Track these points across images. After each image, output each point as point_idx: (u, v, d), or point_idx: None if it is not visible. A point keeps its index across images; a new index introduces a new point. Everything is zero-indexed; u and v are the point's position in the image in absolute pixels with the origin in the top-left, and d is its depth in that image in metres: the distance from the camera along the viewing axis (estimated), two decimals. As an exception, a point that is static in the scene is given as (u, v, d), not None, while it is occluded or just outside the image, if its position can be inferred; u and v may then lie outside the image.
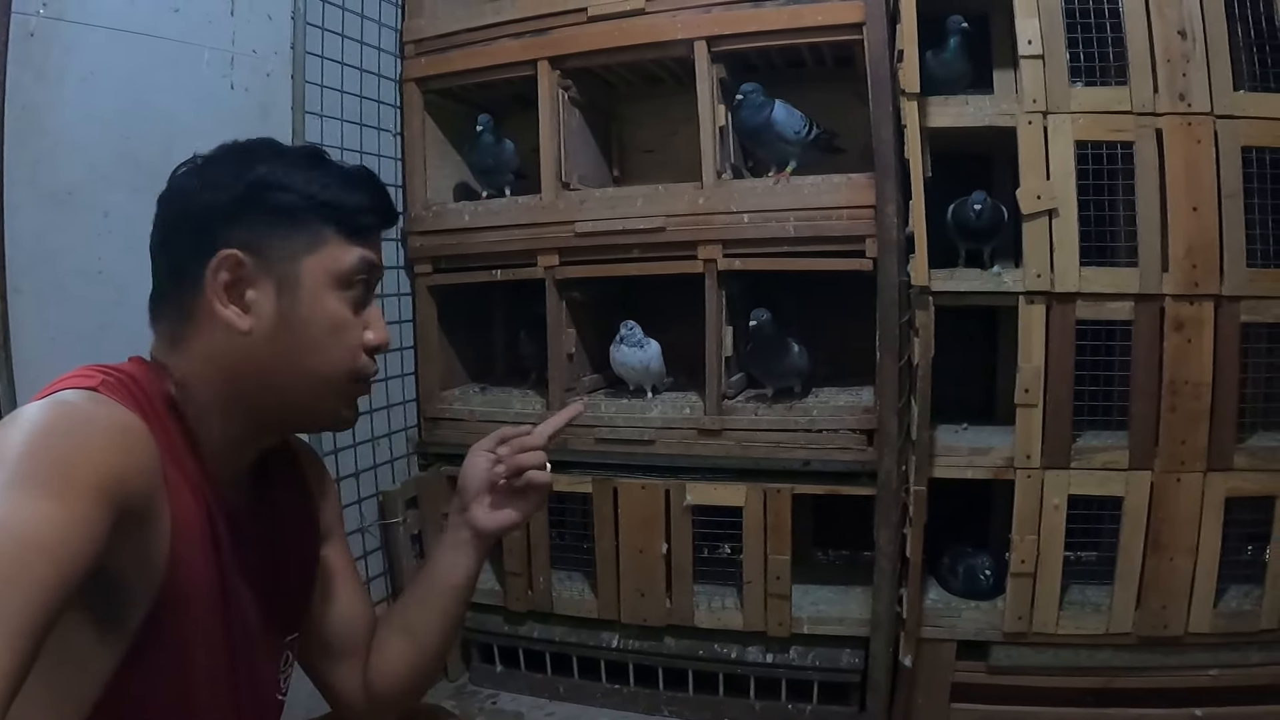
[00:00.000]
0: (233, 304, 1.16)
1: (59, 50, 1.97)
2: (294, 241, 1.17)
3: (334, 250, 1.19)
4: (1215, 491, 2.46)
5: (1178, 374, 2.44)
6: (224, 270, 1.15)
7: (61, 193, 1.99)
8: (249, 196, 1.17)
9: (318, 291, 1.18)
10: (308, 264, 1.18)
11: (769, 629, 2.80)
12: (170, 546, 1.05)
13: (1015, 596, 2.56)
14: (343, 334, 1.21)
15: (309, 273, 1.18)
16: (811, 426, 2.76)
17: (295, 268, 1.17)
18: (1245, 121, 2.41)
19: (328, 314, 1.19)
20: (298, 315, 1.17)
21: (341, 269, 1.19)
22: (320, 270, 1.18)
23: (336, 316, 1.20)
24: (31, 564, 0.82)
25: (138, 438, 1.02)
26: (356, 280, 1.22)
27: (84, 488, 0.90)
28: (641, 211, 2.87)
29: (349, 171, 1.26)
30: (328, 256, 1.19)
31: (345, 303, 1.21)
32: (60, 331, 1.98)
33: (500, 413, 3.09)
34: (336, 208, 1.19)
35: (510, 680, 3.15)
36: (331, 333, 1.20)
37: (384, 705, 1.46)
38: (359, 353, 1.23)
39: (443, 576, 1.46)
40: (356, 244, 1.21)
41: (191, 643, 1.11)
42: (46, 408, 0.98)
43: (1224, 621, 2.50)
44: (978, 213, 2.59)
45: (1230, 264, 2.42)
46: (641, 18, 2.84)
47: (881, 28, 2.61)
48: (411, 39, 3.14)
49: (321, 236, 1.19)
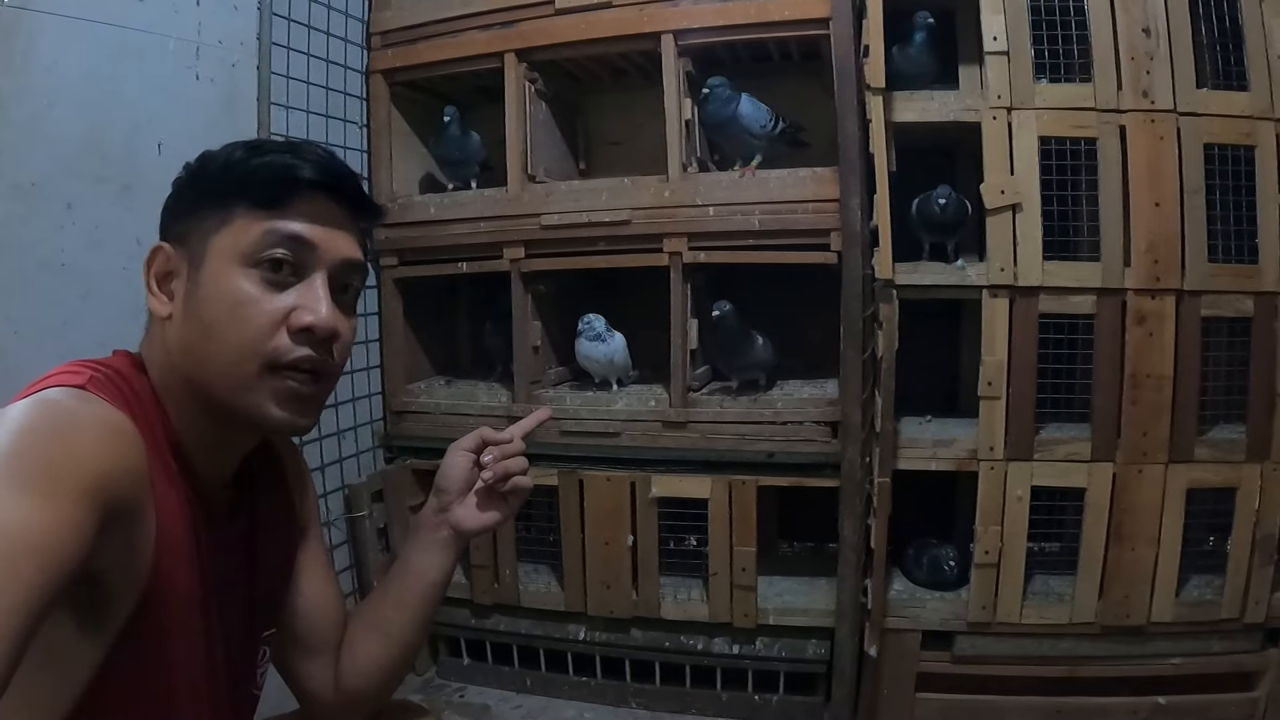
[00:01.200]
0: (162, 294, 1.16)
1: (23, 40, 1.95)
2: (207, 221, 1.14)
3: (241, 224, 1.13)
4: (1177, 483, 2.49)
5: (1139, 367, 2.47)
6: (155, 262, 1.16)
7: (25, 184, 1.96)
8: (182, 186, 1.19)
9: (220, 268, 1.12)
10: (213, 242, 1.13)
11: (735, 620, 2.81)
12: (154, 547, 1.05)
13: (979, 587, 2.59)
14: (243, 312, 1.12)
15: (214, 249, 1.13)
16: (776, 419, 2.77)
17: (203, 247, 1.14)
18: (1208, 119, 2.44)
19: (226, 291, 1.12)
20: (199, 295, 1.13)
21: (246, 243, 1.13)
22: (224, 247, 1.13)
23: (237, 294, 1.12)
24: (18, 566, 0.82)
25: (126, 438, 1.01)
26: (268, 256, 1.13)
27: (71, 489, 0.89)
28: (607, 204, 2.86)
29: (280, 145, 1.20)
30: (233, 231, 1.13)
31: (256, 281, 1.13)
32: (24, 325, 1.95)
33: (466, 405, 3.09)
34: (249, 180, 1.14)
35: (478, 673, 3.14)
36: (231, 311, 1.12)
37: (354, 702, 1.45)
38: (270, 335, 1.13)
39: (419, 575, 1.45)
40: (269, 216, 1.14)
41: (172, 642, 1.11)
42: (33, 406, 0.97)
43: (1186, 611, 2.54)
44: (942, 207, 2.61)
45: (1192, 259, 2.44)
46: (608, 11, 2.83)
47: (848, 22, 2.61)
48: (378, 30, 3.12)
49: (230, 211, 1.14)
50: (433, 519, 1.47)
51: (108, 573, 0.99)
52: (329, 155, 1.21)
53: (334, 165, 1.21)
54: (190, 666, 1.15)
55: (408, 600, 1.45)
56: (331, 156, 1.22)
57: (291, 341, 1.13)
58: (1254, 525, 2.48)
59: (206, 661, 1.18)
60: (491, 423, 2.90)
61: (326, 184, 1.18)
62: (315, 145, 1.23)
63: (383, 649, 1.45)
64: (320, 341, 1.16)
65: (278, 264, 1.14)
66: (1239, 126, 2.44)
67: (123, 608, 1.03)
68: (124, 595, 1.02)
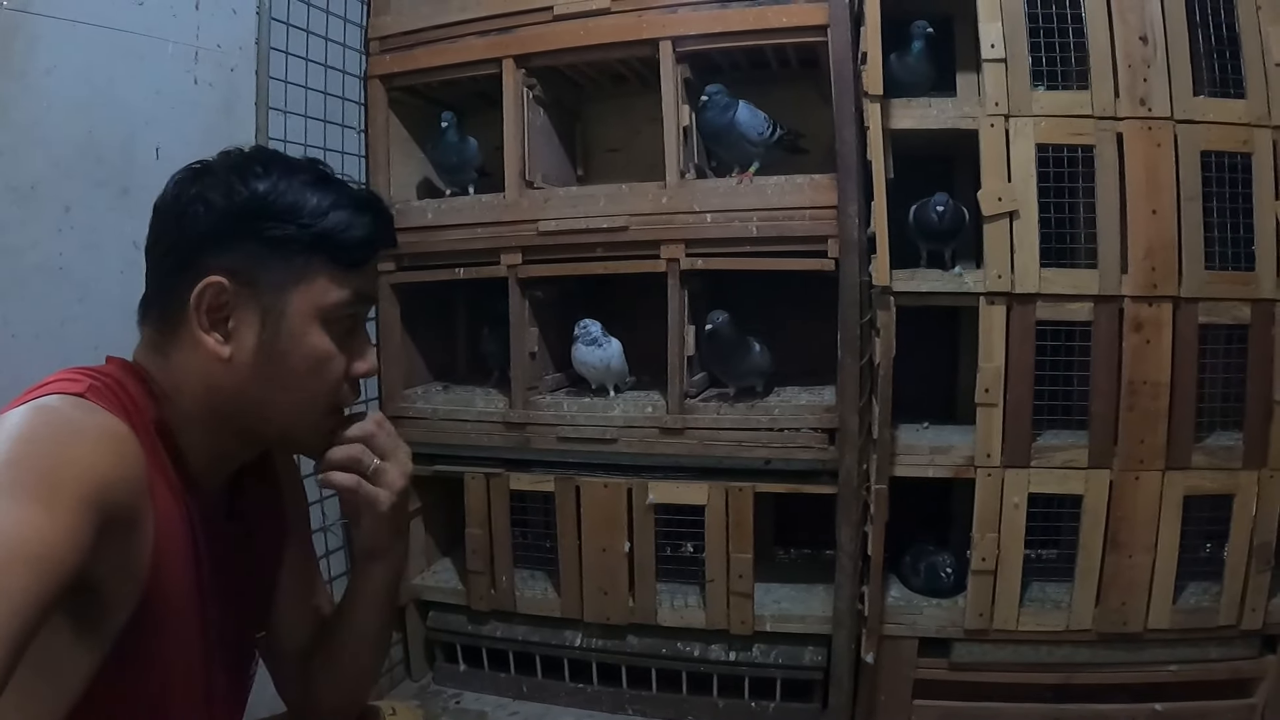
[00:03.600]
0: (215, 330, 1.14)
1: (23, 43, 1.95)
2: (283, 272, 1.14)
3: (323, 284, 1.16)
4: (1174, 490, 2.49)
5: (1136, 374, 2.47)
6: (208, 297, 1.13)
7: (24, 187, 1.96)
8: (240, 218, 1.14)
9: (302, 325, 1.16)
10: (294, 297, 1.15)
11: (732, 627, 2.81)
12: (152, 555, 1.05)
13: (976, 594, 2.58)
14: (324, 369, 1.18)
15: (294, 306, 1.15)
16: (773, 425, 2.76)
17: (281, 300, 1.14)
18: (1205, 126, 2.45)
19: (310, 349, 1.17)
20: (278, 349, 1.15)
21: (329, 304, 1.17)
22: (307, 304, 1.16)
23: (319, 352, 1.17)
24: (16, 573, 0.82)
25: (125, 446, 1.01)
26: (346, 314, 1.20)
27: (70, 497, 0.90)
28: (605, 210, 2.86)
29: (351, 197, 1.21)
30: (317, 290, 1.16)
31: (330, 336, 1.18)
32: (21, 328, 1.95)
33: (463, 411, 3.08)
34: (331, 240, 1.16)
35: (474, 680, 3.14)
36: (313, 368, 1.17)
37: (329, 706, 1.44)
38: (339, 385, 1.21)
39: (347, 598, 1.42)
40: (348, 278, 1.18)
41: (168, 648, 1.11)
42: (32, 413, 0.97)
43: (1183, 618, 2.54)
44: (940, 214, 2.61)
45: (1189, 266, 2.45)
46: (607, 17, 2.83)
47: (846, 30, 2.62)
48: (377, 35, 3.12)
49: (311, 268, 1.15)
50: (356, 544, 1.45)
51: (105, 580, 0.98)
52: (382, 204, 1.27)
53: (390, 220, 1.28)
54: (184, 669, 1.15)
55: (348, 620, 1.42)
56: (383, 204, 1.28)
57: (349, 389, 1.24)
58: (1251, 532, 2.48)
59: (201, 665, 1.18)
60: (487, 429, 2.94)
61: (389, 243, 1.27)
62: (378, 198, 1.28)
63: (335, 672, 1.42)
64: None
65: (351, 321, 1.23)
66: (1236, 134, 2.45)
67: (120, 614, 1.02)
68: (121, 602, 1.02)
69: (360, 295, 1.21)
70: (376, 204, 1.25)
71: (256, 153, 1.22)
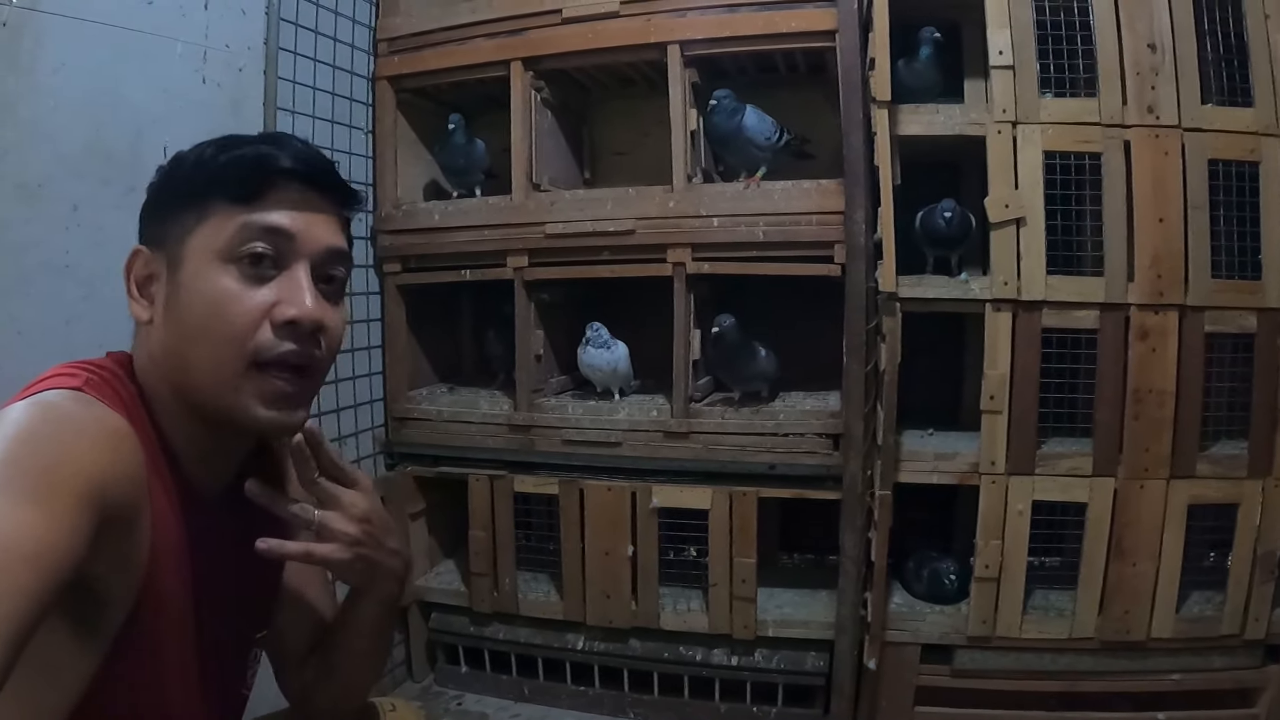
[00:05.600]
0: (143, 298, 1.15)
1: (31, 41, 1.96)
2: (183, 221, 1.12)
3: (217, 221, 1.10)
4: (1178, 498, 2.49)
5: (1142, 382, 2.47)
6: (134, 266, 1.15)
7: (31, 185, 1.97)
8: (159, 191, 1.17)
9: (200, 268, 1.10)
10: (190, 242, 1.11)
11: (734, 632, 2.81)
12: (150, 552, 1.05)
13: (979, 601, 2.58)
14: (224, 309, 1.09)
15: (191, 250, 1.10)
16: (778, 430, 2.77)
17: (180, 248, 1.11)
18: (1212, 134, 2.44)
19: (205, 288, 1.09)
20: (179, 298, 1.10)
21: (224, 238, 1.10)
22: (201, 245, 1.10)
23: (217, 292, 1.09)
24: (14, 572, 0.82)
25: (123, 442, 1.01)
26: (246, 251, 1.10)
27: (68, 494, 0.89)
28: (611, 214, 2.87)
29: (255, 137, 1.18)
30: (210, 229, 1.10)
31: (235, 277, 1.10)
32: (27, 325, 1.96)
33: (467, 413, 3.08)
34: (222, 176, 1.11)
35: (475, 681, 3.14)
36: (211, 309, 1.09)
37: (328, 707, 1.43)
38: (252, 331, 1.10)
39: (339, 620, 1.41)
40: (245, 210, 1.11)
41: (166, 646, 1.11)
42: (30, 409, 0.97)
43: (1186, 627, 2.53)
44: (947, 220, 2.61)
45: (1195, 275, 2.44)
46: (615, 20, 2.84)
47: (854, 35, 2.62)
48: (385, 37, 3.12)
49: (207, 208, 1.11)
50: None
51: (103, 578, 0.99)
52: (303, 143, 1.19)
53: (308, 152, 1.18)
54: (183, 668, 1.15)
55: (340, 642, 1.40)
56: (305, 144, 1.19)
57: (275, 336, 1.11)
58: (1255, 541, 2.48)
59: (199, 663, 1.18)
60: (491, 431, 2.94)
61: (302, 172, 1.15)
62: (288, 135, 1.21)
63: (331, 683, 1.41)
64: (306, 335, 1.13)
65: (257, 258, 1.11)
66: (1243, 142, 2.44)
67: (117, 613, 1.03)
68: (119, 601, 1.02)
69: (260, 227, 1.11)
70: (278, 135, 1.20)
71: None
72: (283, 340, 1.11)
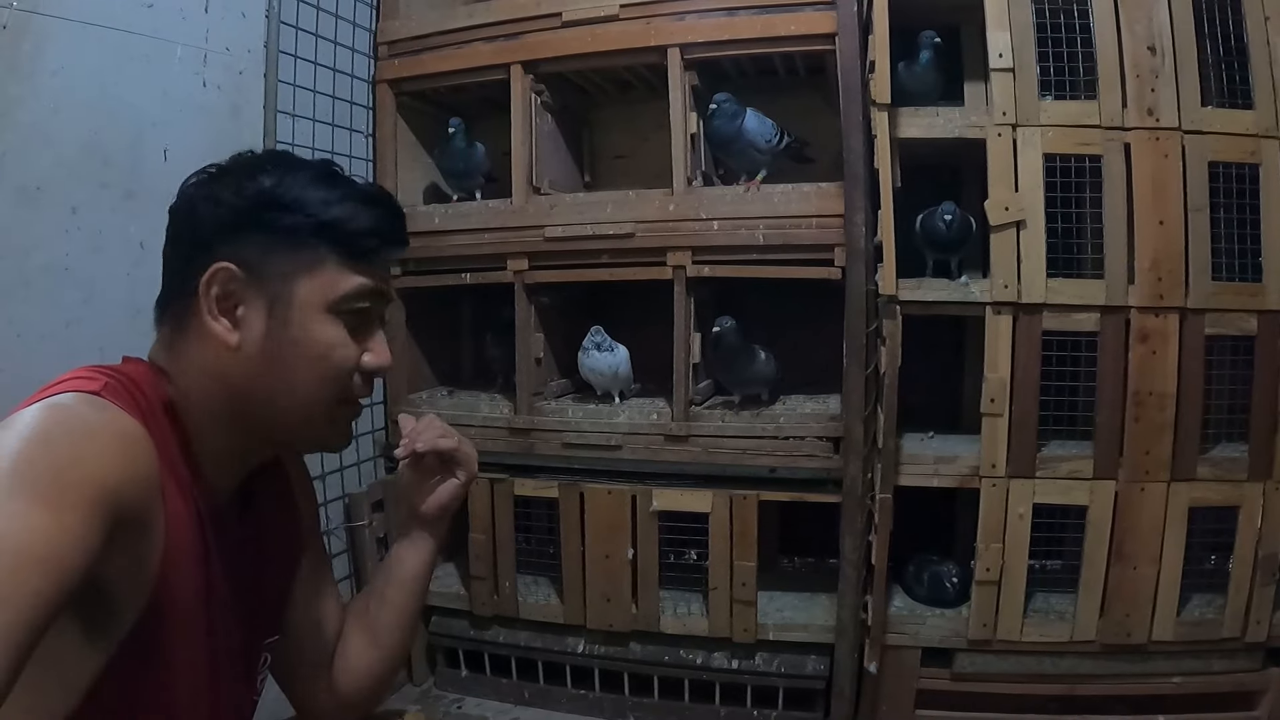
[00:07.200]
0: (223, 317, 1.15)
1: (31, 43, 1.96)
2: (290, 261, 1.16)
3: (331, 274, 1.17)
4: (1179, 501, 2.48)
5: (1142, 385, 2.46)
6: (216, 283, 1.14)
7: (30, 188, 1.97)
8: (249, 211, 1.16)
9: (309, 314, 1.16)
10: (302, 285, 1.16)
11: (734, 635, 2.80)
12: (162, 556, 1.05)
13: (980, 604, 2.58)
14: (331, 357, 1.18)
15: (302, 295, 1.16)
16: (778, 434, 2.76)
17: (288, 288, 1.15)
18: (1212, 137, 2.44)
19: (317, 338, 1.17)
20: (286, 336, 1.16)
21: (337, 295, 1.18)
22: (314, 293, 1.16)
23: (326, 340, 1.18)
24: (26, 576, 0.82)
25: (139, 446, 1.01)
26: (355, 308, 1.20)
27: (81, 498, 0.90)
28: (611, 217, 2.87)
29: (359, 191, 1.23)
30: (324, 280, 1.17)
31: (339, 326, 1.19)
32: (26, 329, 1.96)
33: (467, 416, 3.08)
34: (337, 230, 1.17)
35: (475, 685, 3.13)
36: (319, 357, 1.17)
37: (348, 706, 1.47)
38: (348, 377, 1.21)
39: (397, 570, 1.49)
40: (356, 269, 1.19)
41: (175, 650, 1.10)
42: (45, 411, 0.97)
43: (1187, 630, 2.53)
44: (947, 223, 2.61)
45: (1195, 277, 2.44)
46: (615, 24, 2.84)
47: (854, 38, 2.62)
48: (385, 40, 3.13)
49: (319, 258, 1.16)
50: (404, 520, 1.54)
51: (114, 582, 0.98)
52: (393, 201, 1.30)
53: (401, 216, 1.30)
54: (192, 673, 1.14)
55: (390, 596, 1.49)
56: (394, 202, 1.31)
57: (361, 381, 1.24)
58: (1256, 544, 2.47)
59: (208, 668, 1.18)
60: (491, 434, 2.93)
61: (399, 239, 1.28)
62: (387, 193, 1.31)
63: (371, 649, 1.48)
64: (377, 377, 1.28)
65: (361, 314, 1.22)
66: (1243, 144, 2.44)
67: (128, 616, 1.02)
68: (130, 604, 1.02)
69: (369, 289, 1.21)
70: (385, 198, 1.28)
71: (268, 154, 1.26)
72: (365, 384, 1.25)
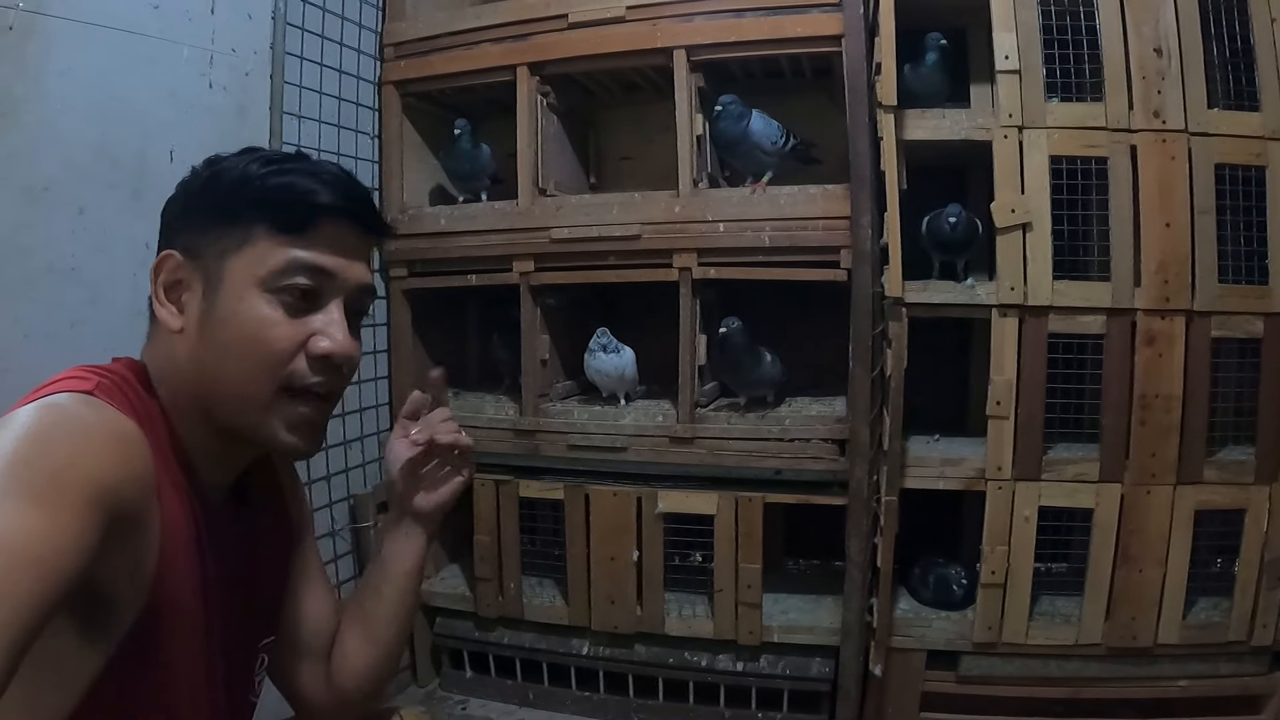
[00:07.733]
0: (170, 303, 1.15)
1: (38, 44, 1.96)
2: (224, 239, 1.13)
3: (262, 249, 1.13)
4: (1185, 504, 2.48)
5: (1149, 388, 2.46)
6: (163, 270, 1.15)
7: (37, 188, 1.97)
8: (195, 198, 1.17)
9: (241, 292, 1.12)
10: (233, 262, 1.12)
11: (739, 637, 2.80)
12: (158, 556, 1.04)
13: (985, 607, 2.57)
14: (263, 337, 1.12)
15: (232, 270, 1.12)
16: (784, 436, 2.76)
17: (221, 266, 1.13)
18: (1219, 139, 2.44)
19: (245, 316, 1.12)
20: (216, 315, 1.12)
21: (265, 270, 1.12)
22: (245, 270, 1.12)
23: (255, 318, 1.12)
24: (21, 577, 0.82)
25: (134, 446, 1.01)
26: (290, 284, 1.13)
27: (77, 498, 0.89)
28: (617, 219, 2.87)
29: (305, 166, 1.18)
30: (254, 255, 1.12)
31: (275, 305, 1.13)
32: (32, 329, 1.96)
33: (473, 418, 3.08)
34: (268, 202, 1.13)
35: (480, 686, 3.13)
36: (248, 337, 1.12)
37: (347, 703, 1.46)
38: (286, 359, 1.14)
39: (392, 565, 1.47)
40: (291, 243, 1.13)
41: (173, 650, 1.10)
42: (40, 412, 0.96)
43: (1193, 633, 2.52)
44: (953, 225, 2.60)
45: (1202, 280, 2.44)
46: (622, 26, 2.84)
47: (860, 41, 2.62)
48: (391, 42, 3.13)
49: (252, 234, 1.13)
50: (396, 513, 1.49)
51: (111, 582, 0.98)
52: (347, 176, 1.21)
53: (353, 189, 1.20)
54: (190, 674, 1.14)
55: (385, 592, 1.47)
56: (350, 177, 1.21)
57: (309, 367, 1.15)
58: (1262, 547, 2.47)
59: (206, 669, 1.18)
60: (497, 436, 2.93)
61: (348, 210, 1.18)
62: (332, 164, 1.22)
63: (368, 645, 1.46)
64: (335, 366, 1.17)
65: (299, 292, 1.14)
66: (1250, 147, 2.44)
67: (126, 616, 1.02)
68: (127, 604, 1.02)
69: (304, 264, 1.14)
70: (331, 169, 1.20)
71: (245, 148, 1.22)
72: (315, 372, 1.15)
